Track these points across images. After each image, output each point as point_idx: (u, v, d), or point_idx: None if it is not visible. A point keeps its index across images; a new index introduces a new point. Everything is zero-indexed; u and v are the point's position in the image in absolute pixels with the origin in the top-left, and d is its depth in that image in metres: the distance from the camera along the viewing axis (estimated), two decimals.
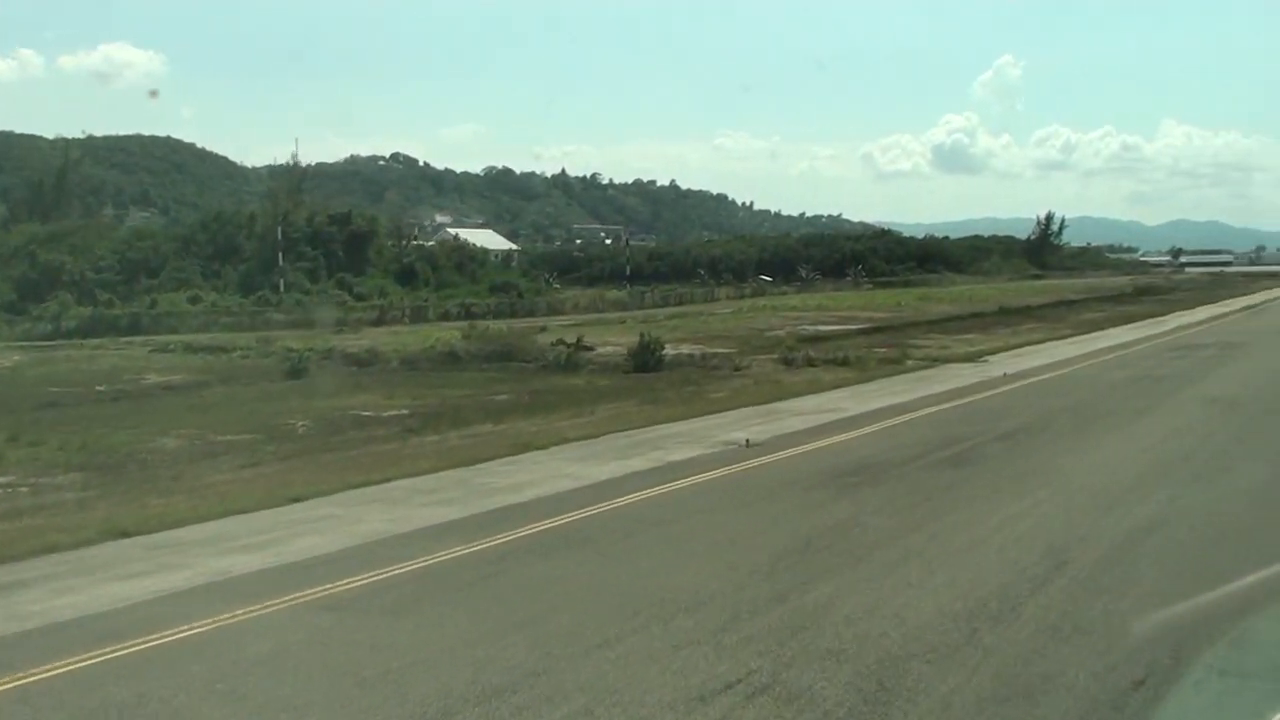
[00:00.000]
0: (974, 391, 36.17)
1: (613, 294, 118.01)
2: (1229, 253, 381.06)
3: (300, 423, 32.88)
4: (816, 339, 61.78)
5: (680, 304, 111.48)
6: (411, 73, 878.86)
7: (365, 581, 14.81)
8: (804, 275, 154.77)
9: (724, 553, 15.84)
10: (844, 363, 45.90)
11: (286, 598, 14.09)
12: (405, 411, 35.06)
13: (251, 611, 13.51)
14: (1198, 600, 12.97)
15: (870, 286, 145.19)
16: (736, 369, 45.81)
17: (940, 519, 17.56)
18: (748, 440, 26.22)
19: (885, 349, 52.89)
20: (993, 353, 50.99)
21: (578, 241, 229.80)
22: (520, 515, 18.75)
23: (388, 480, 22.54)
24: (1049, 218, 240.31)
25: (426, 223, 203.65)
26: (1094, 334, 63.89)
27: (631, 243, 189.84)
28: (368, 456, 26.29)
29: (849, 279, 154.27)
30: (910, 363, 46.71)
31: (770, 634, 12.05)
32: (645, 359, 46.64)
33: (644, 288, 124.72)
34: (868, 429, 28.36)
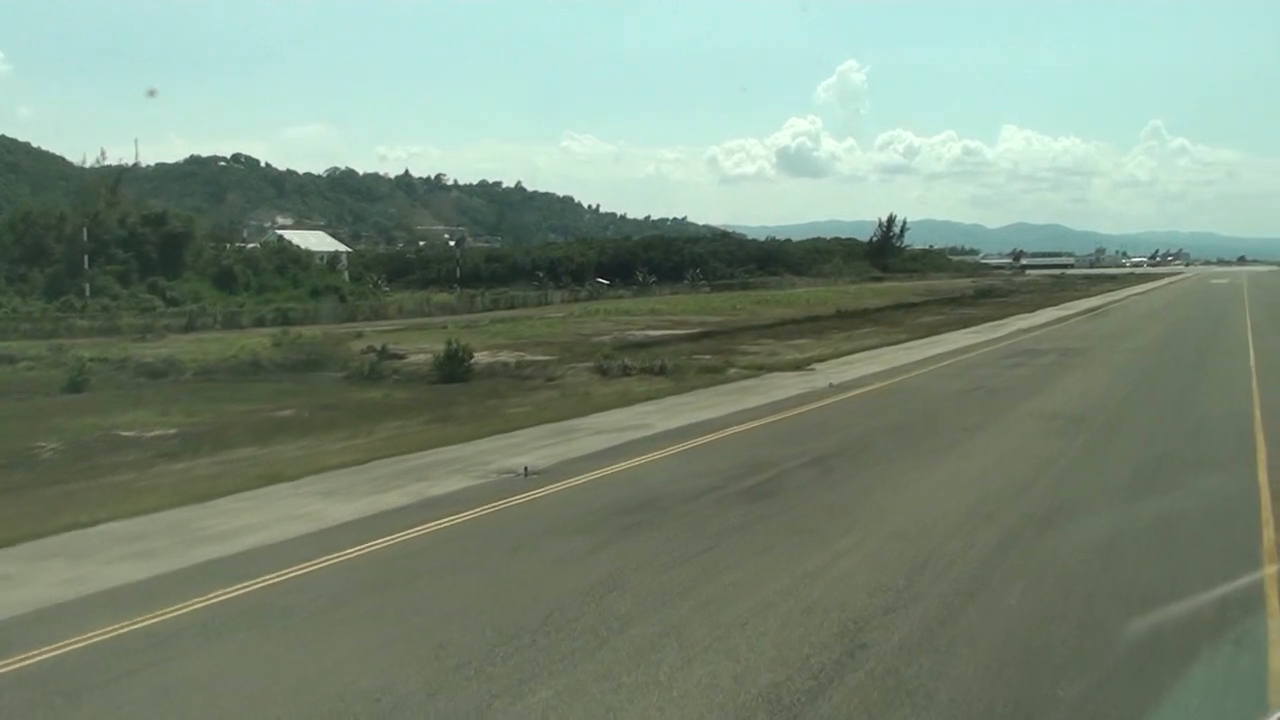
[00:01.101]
0: (794, 405, 33.14)
1: (441, 297, 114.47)
2: (1069, 255, 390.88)
3: (50, 446, 28.83)
4: (642, 345, 59.44)
5: (512, 307, 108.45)
6: (257, 72, 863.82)
7: None
8: (641, 278, 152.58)
9: (439, 632, 12.36)
10: (661, 372, 42.87)
11: None
12: (172, 431, 31.22)
13: None
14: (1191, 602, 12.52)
15: (708, 290, 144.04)
16: (549, 379, 42.77)
17: (719, 577, 14.23)
18: (526, 468, 22.87)
19: (710, 356, 50.23)
20: (822, 360, 48.34)
21: (421, 244, 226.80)
22: (218, 575, 15.12)
23: (98, 522, 18.77)
24: (890, 220, 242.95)
25: (268, 224, 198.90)
26: (930, 339, 61.70)
27: (476, 244, 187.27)
28: (98, 489, 22.49)
29: (687, 282, 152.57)
30: (733, 371, 43.82)
31: None
32: (452, 369, 43.30)
33: (474, 291, 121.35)
34: (669, 451, 25.10)
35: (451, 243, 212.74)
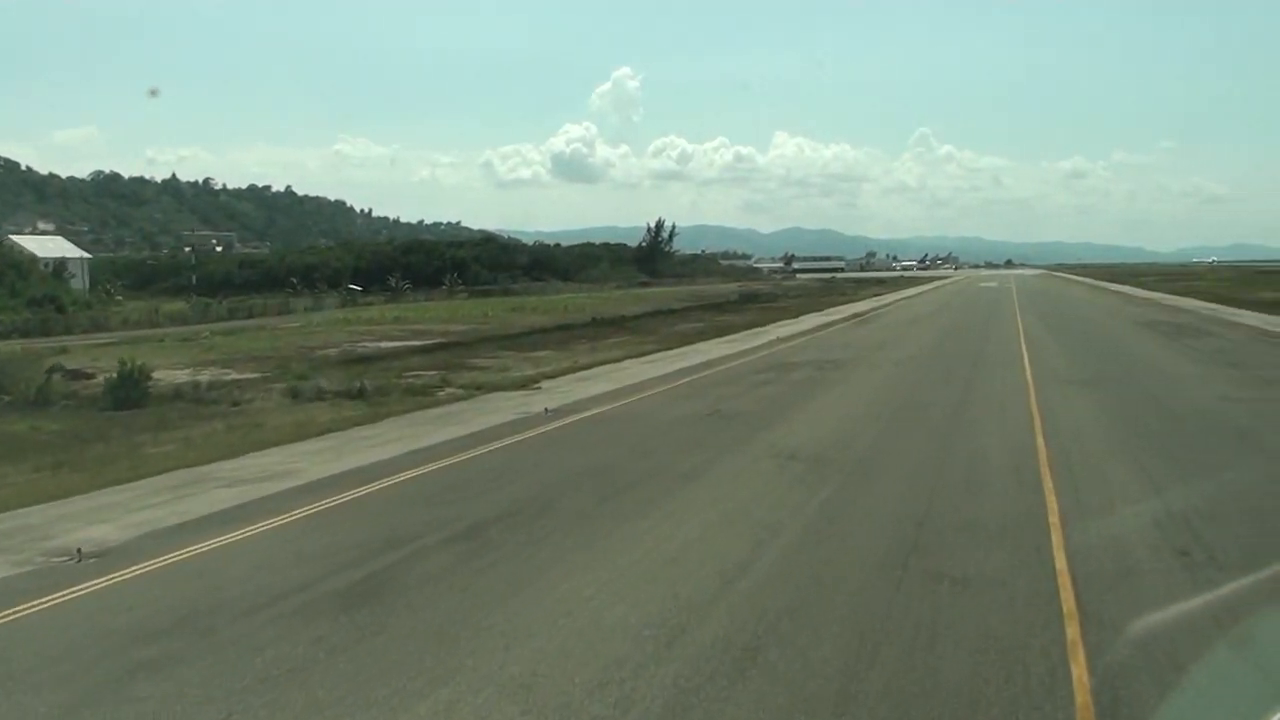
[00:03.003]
0: (492, 439, 27.13)
1: (173, 307, 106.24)
2: (840, 259, 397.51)
3: None
4: (368, 359, 54.36)
5: (251, 316, 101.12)
6: (23, 71, 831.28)
7: None
8: (395, 284, 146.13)
9: None
10: (360, 394, 36.94)
11: None
12: None
13: None
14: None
15: (466, 296, 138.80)
16: (233, 404, 36.48)
17: None
18: (80, 551, 16.78)
19: (435, 372, 44.66)
20: (556, 376, 42.85)
21: (188, 249, 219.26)
22: None
23: None
24: (659, 225, 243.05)
25: (28, 230, 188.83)
26: (682, 349, 56.54)
27: (245, 249, 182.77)
28: None
29: (445, 288, 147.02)
30: (447, 392, 38.03)
31: None
32: (126, 393, 36.90)
33: (209, 300, 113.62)
34: (295, 514, 19.01)
35: (218, 249, 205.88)
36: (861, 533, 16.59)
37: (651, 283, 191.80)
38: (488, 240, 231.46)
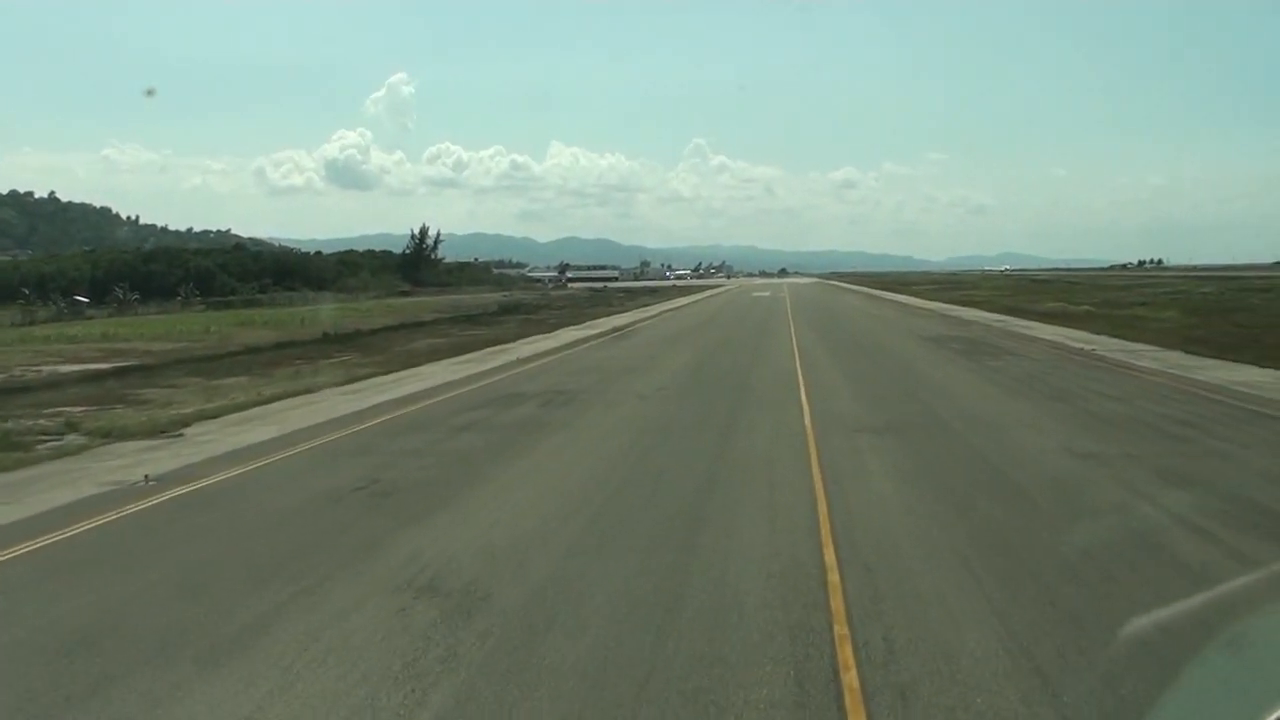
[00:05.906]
0: (19, 540, 18.18)
1: None
2: (616, 269, 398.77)
3: None
4: (25, 389, 45.05)
5: None
6: None
7: None
8: (122, 295, 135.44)
9: None
10: None
11: None
12: None
13: None
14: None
15: (203, 307, 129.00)
16: None
17: None
18: None
19: (79, 409, 36.62)
20: (219, 415, 34.16)
21: None
22: None
23: None
24: (424, 231, 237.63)
25: None
26: (401, 374, 47.98)
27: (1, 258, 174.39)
28: None
29: (180, 299, 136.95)
30: (65, 441, 29.43)
31: None
32: None
33: None
34: None
35: None
36: None
37: (414, 292, 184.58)
38: (236, 248, 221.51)
